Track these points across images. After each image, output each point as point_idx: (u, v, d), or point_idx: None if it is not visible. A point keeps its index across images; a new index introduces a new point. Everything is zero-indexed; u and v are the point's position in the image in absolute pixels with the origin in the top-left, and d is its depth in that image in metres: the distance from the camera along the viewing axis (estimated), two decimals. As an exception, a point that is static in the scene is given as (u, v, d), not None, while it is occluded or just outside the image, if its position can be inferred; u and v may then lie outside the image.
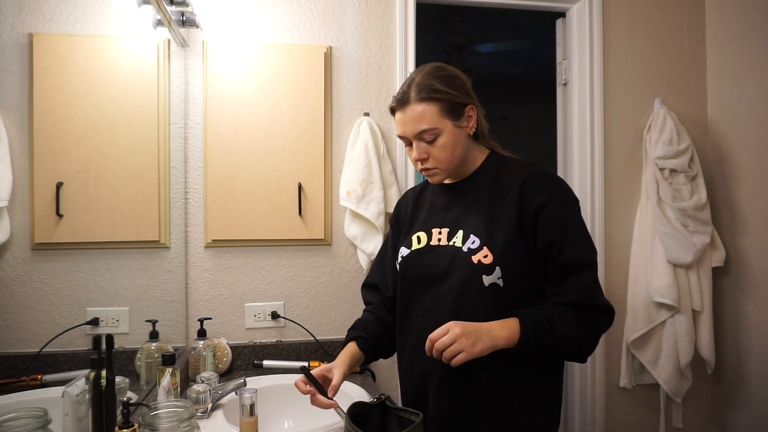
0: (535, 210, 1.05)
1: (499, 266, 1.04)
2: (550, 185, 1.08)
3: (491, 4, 1.99)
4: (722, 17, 1.98)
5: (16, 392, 0.80)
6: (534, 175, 1.09)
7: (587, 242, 1.08)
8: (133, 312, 1.29)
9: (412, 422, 0.93)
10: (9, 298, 0.80)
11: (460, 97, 1.09)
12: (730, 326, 1.95)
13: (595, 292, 1.06)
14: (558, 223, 1.05)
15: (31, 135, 0.84)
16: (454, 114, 1.08)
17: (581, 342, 1.04)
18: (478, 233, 1.08)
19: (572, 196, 1.10)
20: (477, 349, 0.97)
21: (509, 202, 1.07)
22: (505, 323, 1.02)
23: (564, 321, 1.02)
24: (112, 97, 1.18)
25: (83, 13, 1.03)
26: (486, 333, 0.99)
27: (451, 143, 1.08)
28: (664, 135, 1.88)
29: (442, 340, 0.96)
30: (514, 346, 1.00)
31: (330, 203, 1.80)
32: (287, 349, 1.75)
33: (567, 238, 1.05)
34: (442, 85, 1.07)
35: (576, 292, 1.04)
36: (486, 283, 1.05)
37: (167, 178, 1.54)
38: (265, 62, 1.75)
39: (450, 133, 1.08)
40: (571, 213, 1.08)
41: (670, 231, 1.83)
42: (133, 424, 0.92)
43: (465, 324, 0.98)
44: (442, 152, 1.09)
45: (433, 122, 1.06)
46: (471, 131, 1.12)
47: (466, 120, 1.11)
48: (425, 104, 1.06)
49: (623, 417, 1.97)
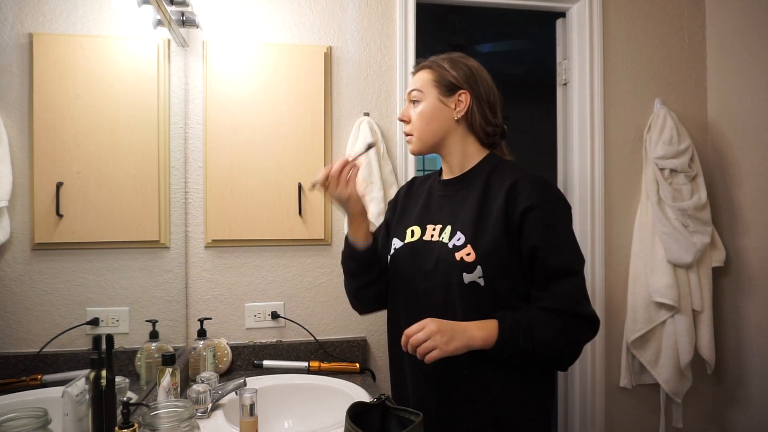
0: (522, 213, 1.04)
1: (480, 265, 1.04)
2: (539, 189, 1.06)
3: (491, 4, 1.99)
4: (722, 17, 1.98)
5: (16, 392, 0.80)
6: (524, 178, 1.08)
7: (574, 249, 1.07)
8: (133, 312, 1.29)
9: (412, 422, 0.93)
10: (9, 298, 0.79)
11: (456, 79, 1.13)
12: (730, 326, 1.95)
13: (579, 300, 1.05)
14: (544, 227, 1.04)
15: (31, 135, 0.84)
16: (443, 88, 1.14)
17: (561, 350, 1.03)
18: (465, 230, 1.08)
19: (562, 202, 1.09)
20: (450, 348, 0.97)
21: (497, 203, 1.07)
22: (484, 324, 1.01)
23: (544, 327, 1.01)
24: (112, 97, 1.18)
25: (83, 13, 1.03)
26: (462, 332, 0.99)
27: (428, 112, 1.14)
28: (664, 135, 1.88)
29: (417, 336, 0.97)
30: (491, 348, 1.00)
31: (330, 203, 1.79)
32: (287, 349, 1.75)
33: (553, 243, 1.04)
34: (445, 62, 1.15)
35: (560, 299, 1.03)
36: (466, 280, 1.05)
37: (167, 178, 1.54)
38: (265, 62, 1.75)
39: (431, 103, 1.14)
40: (559, 219, 1.07)
41: (670, 231, 1.83)
42: (133, 424, 0.92)
43: (441, 321, 0.99)
44: (418, 118, 1.15)
45: (422, 86, 1.15)
46: (457, 115, 1.14)
47: (454, 102, 1.14)
48: (425, 71, 1.16)
49: (623, 417, 1.97)
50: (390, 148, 1.83)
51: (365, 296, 1.26)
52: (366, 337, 1.83)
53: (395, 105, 1.84)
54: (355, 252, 1.20)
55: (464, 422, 1.07)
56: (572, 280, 1.04)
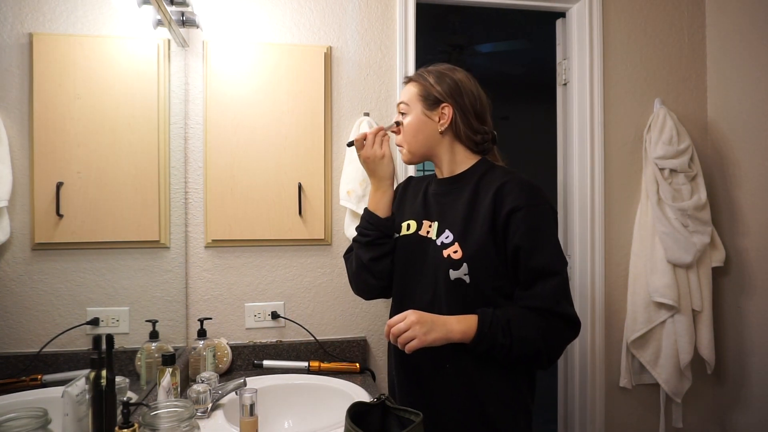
0: (508, 213, 1.07)
1: (466, 263, 1.08)
2: (526, 191, 1.09)
3: (491, 4, 1.99)
4: (722, 17, 1.98)
5: (16, 392, 0.80)
6: (512, 180, 1.11)
7: (557, 251, 1.10)
8: (133, 312, 1.29)
9: (412, 422, 0.93)
10: (9, 298, 0.80)
11: (440, 93, 1.17)
12: (730, 326, 1.95)
13: (560, 300, 1.07)
14: (528, 229, 1.07)
15: (31, 135, 0.84)
16: (427, 102, 1.18)
17: (539, 348, 1.06)
18: (453, 229, 1.13)
19: (548, 205, 1.11)
20: (429, 338, 1.02)
21: (485, 203, 1.11)
22: (464, 318, 1.06)
23: (523, 324, 1.05)
24: (112, 97, 1.18)
25: (83, 13, 1.03)
26: (441, 325, 1.04)
27: (414, 126, 1.20)
28: (664, 135, 1.88)
29: (398, 326, 1.02)
30: (469, 341, 1.05)
31: (330, 203, 1.80)
32: (287, 349, 1.75)
33: (536, 244, 1.07)
34: (430, 77, 1.19)
35: (541, 298, 1.06)
36: (452, 277, 1.09)
37: (167, 178, 1.54)
38: (265, 62, 1.75)
39: (416, 117, 1.19)
40: (544, 221, 1.10)
41: (670, 231, 1.83)
42: (133, 424, 0.92)
43: (422, 314, 1.04)
44: (406, 130, 1.21)
45: (408, 99, 1.21)
46: (441, 128, 1.18)
47: (438, 115, 1.18)
48: (412, 84, 1.22)
49: (623, 417, 1.97)
50: (390, 148, 1.83)
51: (377, 270, 1.26)
52: (366, 337, 1.83)
53: (395, 105, 1.84)
54: (376, 218, 1.25)
55: (446, 414, 1.12)
56: (553, 280, 1.07)
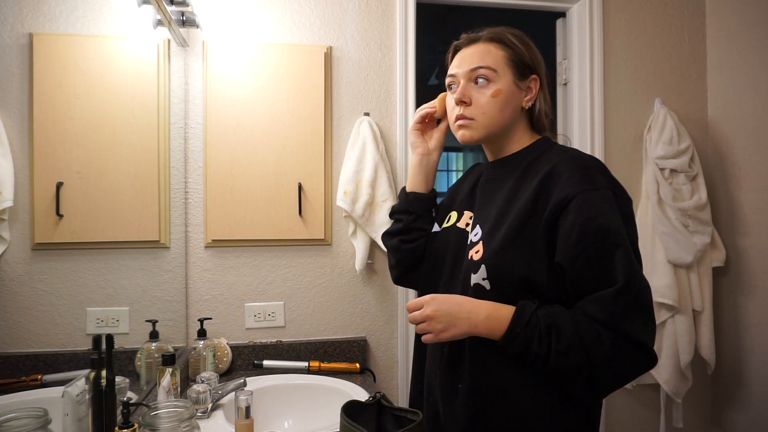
0: (554, 207, 0.86)
1: (485, 265, 0.90)
2: (579, 172, 0.88)
3: (491, 4, 1.99)
4: (723, 17, 1.98)
5: (16, 392, 0.80)
6: (563, 162, 0.90)
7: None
8: (133, 312, 1.29)
9: (411, 421, 0.92)
10: (9, 298, 0.80)
11: (532, 61, 0.99)
12: (730, 326, 1.95)
13: (630, 314, 0.81)
14: (585, 224, 0.85)
15: (31, 135, 0.84)
16: (518, 70, 0.97)
17: (581, 370, 0.82)
18: (484, 224, 0.96)
19: (608, 190, 0.88)
20: (447, 335, 0.88)
21: (527, 193, 0.91)
22: (495, 311, 0.88)
23: (572, 335, 0.82)
24: (112, 97, 1.18)
25: (83, 13, 1.03)
26: (465, 318, 0.88)
27: (502, 97, 0.96)
28: (665, 135, 1.88)
29: (413, 315, 0.91)
30: (498, 340, 0.88)
31: (330, 203, 1.80)
32: (287, 349, 1.75)
33: None
34: (515, 39, 0.99)
35: (602, 306, 0.82)
36: (472, 282, 0.92)
37: (167, 178, 1.54)
38: (265, 62, 1.75)
39: (506, 86, 0.96)
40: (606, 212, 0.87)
41: (671, 231, 1.83)
42: (133, 424, 0.92)
43: (441, 303, 0.89)
44: (489, 102, 0.96)
45: (496, 63, 0.96)
46: (527, 105, 1.00)
47: (526, 88, 0.99)
48: (494, 45, 0.98)
49: (623, 417, 1.97)
50: (389, 149, 1.83)
51: (407, 248, 1.13)
52: (366, 337, 1.83)
53: (395, 105, 1.84)
54: (416, 193, 1.13)
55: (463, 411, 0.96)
56: (627, 289, 0.82)
